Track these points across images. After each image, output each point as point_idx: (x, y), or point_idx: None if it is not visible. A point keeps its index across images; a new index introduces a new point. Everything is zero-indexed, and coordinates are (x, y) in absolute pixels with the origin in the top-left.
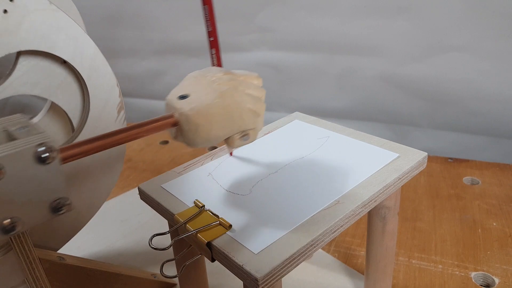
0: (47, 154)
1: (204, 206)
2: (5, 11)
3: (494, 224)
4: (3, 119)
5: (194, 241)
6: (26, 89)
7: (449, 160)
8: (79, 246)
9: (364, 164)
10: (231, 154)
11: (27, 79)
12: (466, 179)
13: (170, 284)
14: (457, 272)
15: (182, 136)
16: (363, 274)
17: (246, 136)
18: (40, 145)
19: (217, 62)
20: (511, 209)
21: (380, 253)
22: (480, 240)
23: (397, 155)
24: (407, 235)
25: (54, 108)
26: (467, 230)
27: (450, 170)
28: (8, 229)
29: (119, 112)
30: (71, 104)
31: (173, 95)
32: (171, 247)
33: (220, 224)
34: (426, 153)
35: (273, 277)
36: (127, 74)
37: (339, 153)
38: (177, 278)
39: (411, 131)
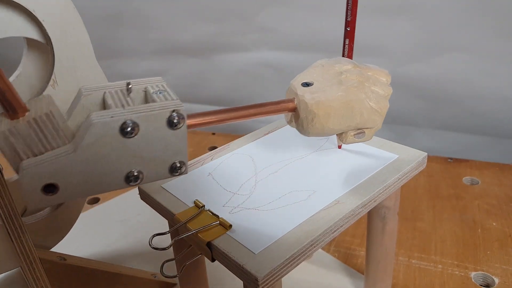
0: (178, 121)
1: (204, 206)
2: None
3: (494, 224)
4: (146, 79)
5: (194, 241)
6: None
7: (449, 160)
8: (79, 246)
9: (364, 164)
10: (339, 147)
11: None
12: (466, 179)
13: (170, 284)
14: (457, 272)
15: (296, 123)
16: (363, 274)
17: (361, 134)
18: (174, 111)
19: (349, 53)
20: (511, 209)
21: (380, 253)
22: (480, 240)
23: (397, 155)
24: (407, 235)
25: (31, 44)
26: (467, 230)
27: (450, 170)
28: (131, 179)
29: None
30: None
31: (297, 81)
32: (171, 247)
33: (220, 224)
34: (425, 153)
35: (273, 277)
36: (127, 74)
37: (339, 153)
38: (177, 278)
39: (411, 131)
